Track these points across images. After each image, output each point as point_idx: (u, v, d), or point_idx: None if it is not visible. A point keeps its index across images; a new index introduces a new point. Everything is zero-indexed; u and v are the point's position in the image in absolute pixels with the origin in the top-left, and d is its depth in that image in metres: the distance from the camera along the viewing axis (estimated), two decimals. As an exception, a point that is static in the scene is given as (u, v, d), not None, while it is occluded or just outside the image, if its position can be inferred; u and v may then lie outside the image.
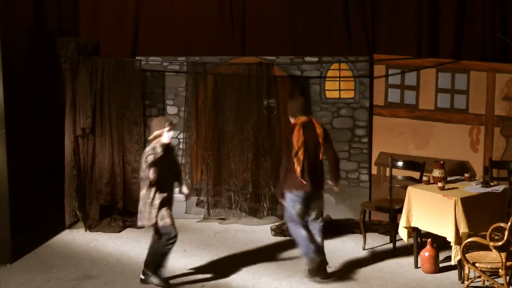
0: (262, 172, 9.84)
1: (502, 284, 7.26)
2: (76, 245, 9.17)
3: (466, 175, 8.60)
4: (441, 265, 8.24)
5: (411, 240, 8.45)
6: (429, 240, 8.20)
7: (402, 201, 8.46)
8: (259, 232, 9.48)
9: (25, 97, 9.71)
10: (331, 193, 10.01)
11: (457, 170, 9.24)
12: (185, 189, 7.97)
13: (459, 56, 9.71)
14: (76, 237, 9.46)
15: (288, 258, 8.48)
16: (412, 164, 9.11)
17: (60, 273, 8.24)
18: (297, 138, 7.82)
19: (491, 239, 7.22)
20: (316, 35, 10.10)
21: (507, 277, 7.32)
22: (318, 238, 7.99)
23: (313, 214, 8.03)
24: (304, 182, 7.80)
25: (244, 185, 9.89)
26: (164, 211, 7.67)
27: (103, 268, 8.37)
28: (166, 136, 7.66)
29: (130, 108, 9.91)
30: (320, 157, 7.95)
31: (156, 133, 7.65)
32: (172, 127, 7.73)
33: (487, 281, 7.48)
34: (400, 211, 8.50)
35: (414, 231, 8.35)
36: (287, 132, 8.04)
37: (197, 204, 10.08)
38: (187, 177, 10.00)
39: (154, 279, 7.80)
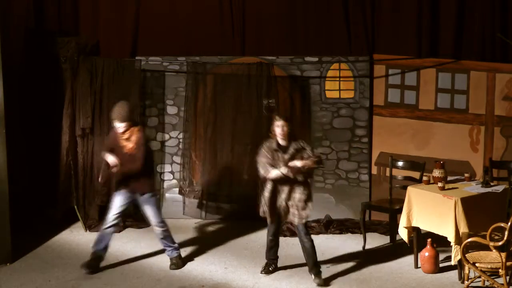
0: (262, 172, 9.84)
1: (502, 284, 7.26)
2: (76, 245, 9.17)
3: (466, 175, 8.60)
4: (441, 265, 8.24)
5: (411, 240, 8.45)
6: (429, 240, 8.20)
7: (402, 201, 8.46)
8: (258, 232, 9.48)
9: (25, 97, 9.71)
10: (331, 193, 10.04)
11: (457, 170, 9.25)
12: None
13: (459, 56, 9.71)
14: (76, 237, 9.46)
15: (288, 258, 8.47)
16: (412, 164, 9.11)
17: (60, 273, 8.24)
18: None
19: (491, 239, 7.22)
20: (316, 35, 10.10)
21: (507, 277, 7.32)
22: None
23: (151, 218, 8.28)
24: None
25: (243, 185, 9.89)
26: None
27: (103, 268, 8.37)
28: None
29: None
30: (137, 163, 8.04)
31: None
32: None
33: (487, 281, 7.48)
34: (400, 211, 8.50)
35: (414, 231, 8.35)
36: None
37: (198, 207, 10.08)
38: (186, 177, 10.02)
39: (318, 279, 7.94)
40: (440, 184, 8.18)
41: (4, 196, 8.43)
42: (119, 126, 8.04)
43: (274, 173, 7.78)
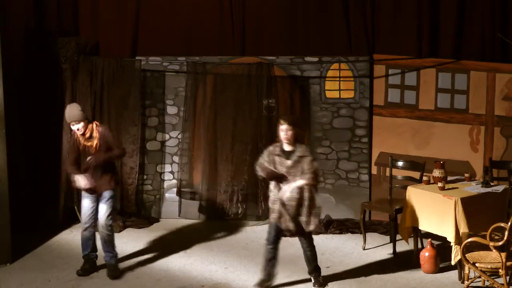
0: (262, 172, 9.84)
1: (502, 284, 7.26)
2: (76, 245, 9.14)
3: (466, 175, 8.60)
4: (441, 265, 8.24)
5: (411, 240, 8.46)
6: (429, 240, 8.20)
7: (402, 201, 8.46)
8: (258, 232, 9.48)
9: (25, 97, 9.71)
10: (331, 193, 10.04)
11: (457, 170, 9.25)
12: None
13: (459, 56, 9.71)
14: (76, 237, 9.44)
15: (288, 258, 8.47)
16: (412, 164, 9.11)
17: (60, 273, 8.24)
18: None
19: (491, 239, 7.22)
20: (316, 35, 10.10)
21: (507, 277, 7.32)
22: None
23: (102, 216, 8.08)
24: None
25: (243, 185, 9.90)
26: None
27: (102, 267, 8.36)
28: None
29: (129, 108, 9.93)
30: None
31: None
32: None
33: (487, 281, 7.48)
34: (400, 211, 8.51)
35: (414, 231, 8.36)
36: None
37: (198, 207, 10.08)
38: (184, 178, 10.02)
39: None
40: (440, 184, 8.18)
41: (4, 196, 8.43)
42: (78, 126, 7.84)
43: (260, 172, 7.63)
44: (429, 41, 9.86)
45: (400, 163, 9.16)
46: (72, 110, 7.92)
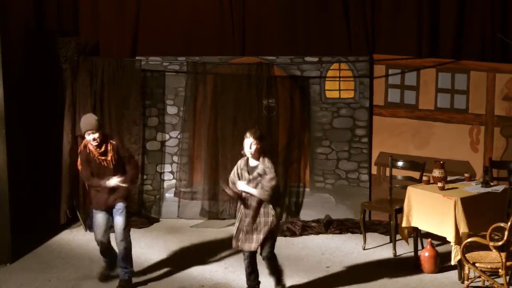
0: (262, 172, 9.84)
1: (502, 284, 7.26)
2: (76, 245, 9.17)
3: (466, 175, 8.60)
4: (441, 265, 8.24)
5: (411, 240, 8.45)
6: (429, 240, 8.20)
7: (402, 201, 8.46)
8: (259, 232, 9.47)
9: (25, 97, 9.71)
10: (331, 193, 10.04)
11: (457, 170, 9.25)
12: None
13: (459, 56, 9.71)
14: (76, 237, 9.46)
15: (288, 258, 8.47)
16: (412, 164, 9.11)
17: (60, 273, 8.24)
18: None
19: (491, 239, 7.22)
20: (316, 35, 10.10)
21: (507, 277, 7.32)
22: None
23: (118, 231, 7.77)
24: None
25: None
26: None
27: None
28: None
29: (129, 108, 9.93)
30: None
31: None
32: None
33: (487, 281, 7.48)
34: (400, 211, 8.51)
35: (414, 231, 8.36)
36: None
37: (198, 207, 10.08)
38: (183, 178, 10.03)
39: None
40: (440, 184, 8.18)
41: (4, 196, 8.43)
42: (94, 136, 7.48)
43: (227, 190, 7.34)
44: (429, 41, 9.86)
45: (400, 163, 9.16)
46: (88, 119, 7.59)
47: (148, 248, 9.06)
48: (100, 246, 7.83)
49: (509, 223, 7.06)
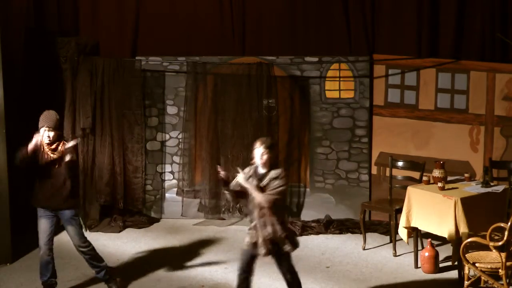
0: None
1: (502, 284, 7.26)
2: (76, 245, 9.16)
3: (466, 175, 8.60)
4: (441, 265, 8.24)
5: (411, 240, 8.46)
6: (429, 240, 8.20)
7: (402, 201, 8.46)
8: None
9: (25, 97, 9.70)
10: (331, 193, 10.04)
11: (457, 170, 9.25)
12: None
13: (459, 56, 9.71)
14: (76, 237, 9.45)
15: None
16: (412, 164, 9.11)
17: (60, 273, 8.23)
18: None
19: (491, 239, 7.22)
20: (316, 35, 10.10)
21: (507, 277, 7.32)
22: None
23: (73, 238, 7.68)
24: None
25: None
26: None
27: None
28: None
29: (130, 108, 9.95)
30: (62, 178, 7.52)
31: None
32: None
33: (487, 281, 7.48)
34: (400, 211, 8.51)
35: (414, 231, 8.36)
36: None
37: (198, 207, 10.08)
38: (185, 178, 10.02)
39: None
40: (440, 184, 8.18)
41: (4, 196, 8.43)
42: (50, 134, 7.43)
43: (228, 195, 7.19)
44: (429, 41, 9.86)
45: (400, 163, 9.16)
46: (50, 116, 7.51)
47: (148, 248, 9.05)
48: (42, 254, 7.65)
49: (509, 223, 7.06)
